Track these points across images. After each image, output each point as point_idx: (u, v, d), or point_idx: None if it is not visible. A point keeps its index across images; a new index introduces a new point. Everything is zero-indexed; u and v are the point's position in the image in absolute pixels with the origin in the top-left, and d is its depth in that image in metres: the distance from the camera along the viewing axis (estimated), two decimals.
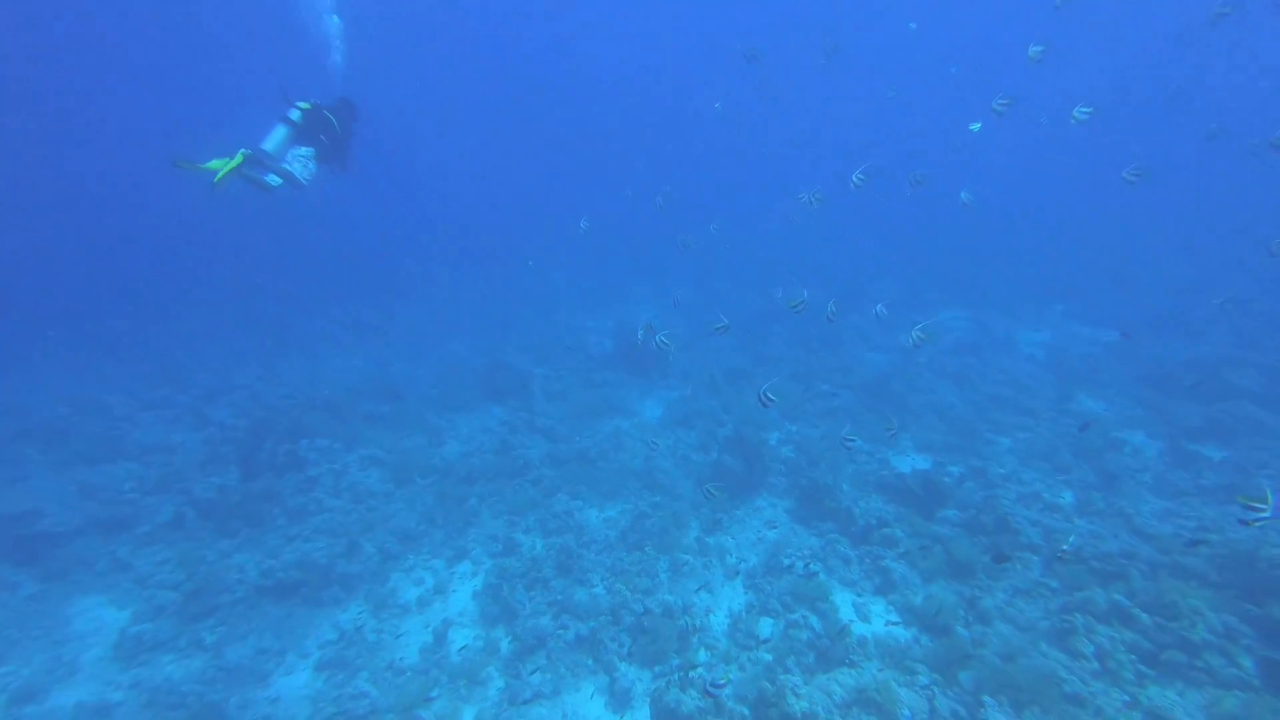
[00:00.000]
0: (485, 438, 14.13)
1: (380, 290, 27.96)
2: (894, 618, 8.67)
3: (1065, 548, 7.81)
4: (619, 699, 7.53)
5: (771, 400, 7.49)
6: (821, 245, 33.32)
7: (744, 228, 37.97)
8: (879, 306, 9.40)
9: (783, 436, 13.90)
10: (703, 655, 8.20)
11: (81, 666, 8.14)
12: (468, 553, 10.53)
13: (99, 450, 12.45)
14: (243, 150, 7.56)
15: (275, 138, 8.22)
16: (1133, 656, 7.18)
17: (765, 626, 8.62)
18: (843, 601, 9.01)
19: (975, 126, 11.04)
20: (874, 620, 8.66)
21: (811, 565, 9.80)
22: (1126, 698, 6.84)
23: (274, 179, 8.22)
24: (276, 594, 9.24)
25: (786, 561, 9.77)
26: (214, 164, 7.25)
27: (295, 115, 8.42)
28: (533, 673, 7.93)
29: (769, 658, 7.97)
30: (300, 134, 8.50)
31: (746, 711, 6.79)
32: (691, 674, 7.28)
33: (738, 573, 9.82)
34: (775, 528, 10.83)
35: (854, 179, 8.50)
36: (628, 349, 18.42)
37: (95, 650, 8.39)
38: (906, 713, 6.41)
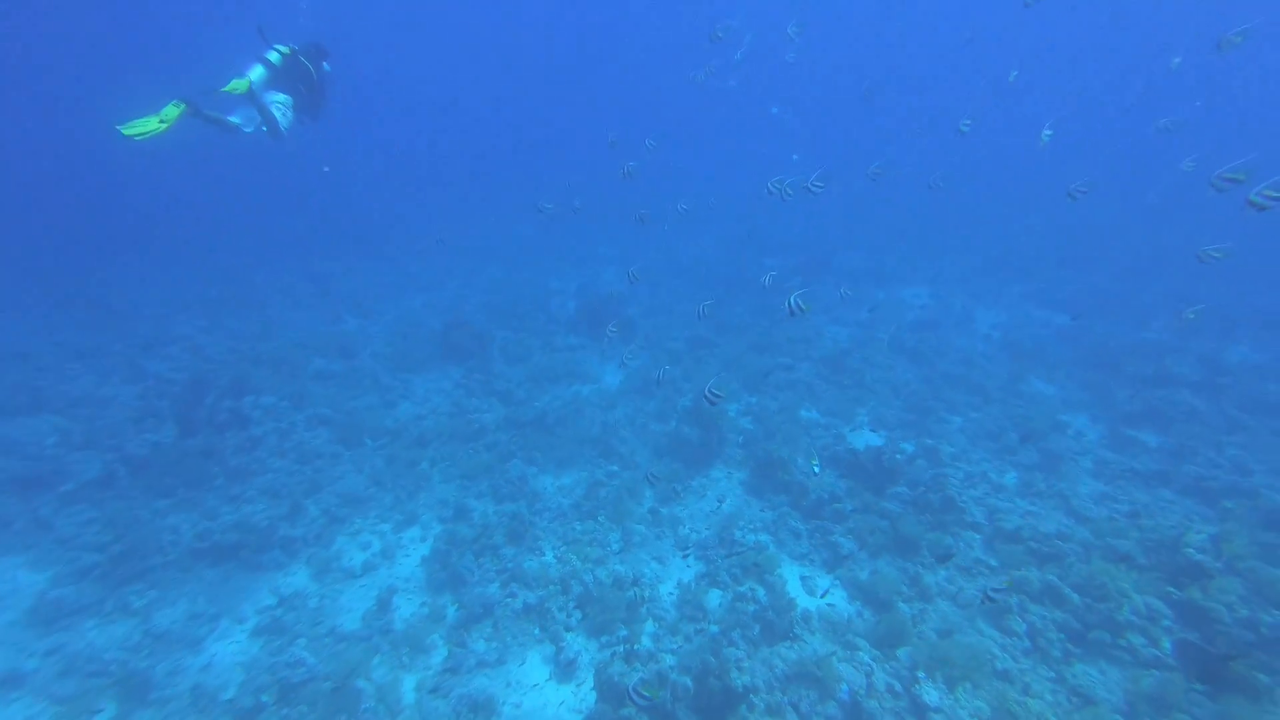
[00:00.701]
0: (440, 399, 13.76)
1: (340, 241, 26.79)
2: (839, 592, 8.85)
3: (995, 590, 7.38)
4: (564, 669, 7.51)
5: (718, 396, 7.30)
6: (792, 217, 33.18)
7: (717, 195, 37.56)
8: (843, 289, 9.24)
9: (742, 408, 13.92)
10: (650, 626, 8.24)
11: None
12: (417, 518, 10.30)
13: (18, 401, 11.66)
14: (175, 102, 6.79)
15: (254, 75, 7.70)
16: (1062, 635, 7.49)
17: (713, 598, 8.69)
18: (791, 575, 9.14)
19: (1047, 135, 10.57)
20: (818, 594, 8.82)
21: (761, 537, 9.92)
22: (1053, 674, 7.15)
23: (237, 119, 7.67)
24: (213, 556, 8.89)
25: (738, 536, 9.84)
26: (148, 120, 6.53)
27: (274, 58, 7.91)
28: (478, 641, 7.85)
29: (715, 629, 8.05)
30: (278, 78, 7.99)
31: (689, 682, 6.85)
32: (636, 647, 7.30)
33: (690, 544, 9.86)
34: (723, 502, 10.89)
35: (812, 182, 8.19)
36: (589, 312, 18.09)
37: (7, 615, 7.94)
38: (845, 687, 6.55)
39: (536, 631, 8.10)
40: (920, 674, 6.70)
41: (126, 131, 6.35)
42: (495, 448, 11.90)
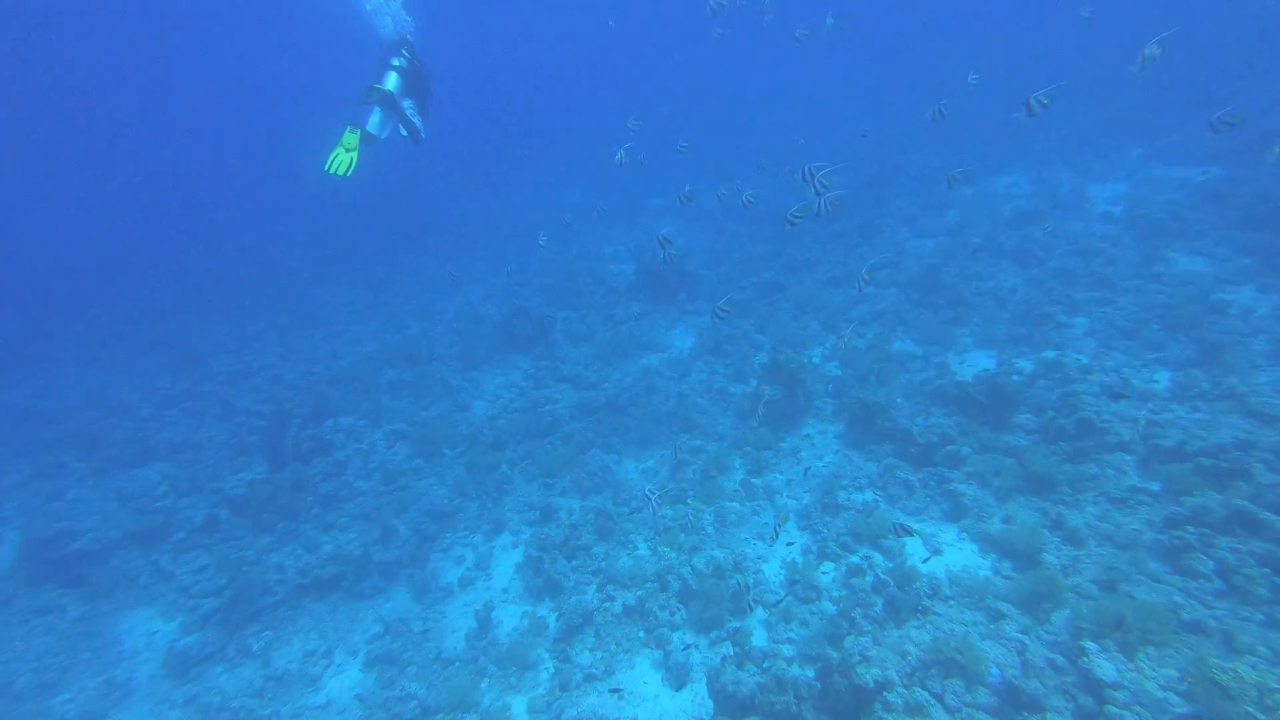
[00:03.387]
0: (511, 394, 13.52)
1: (388, 244, 27.19)
2: (970, 548, 7.78)
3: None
4: (676, 673, 7.03)
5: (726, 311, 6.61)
6: (852, 122, 30.37)
7: (763, 114, 35.09)
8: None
9: (826, 352, 12.73)
10: (760, 614, 7.59)
11: (135, 687, 8.20)
12: (505, 524, 10.12)
13: (128, 454, 12.47)
14: (349, 129, 7.18)
15: (390, 84, 7.74)
16: (1266, 570, 6.10)
17: (826, 573, 7.88)
18: (910, 535, 8.13)
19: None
20: (946, 552, 7.79)
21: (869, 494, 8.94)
22: (1262, 618, 5.84)
23: (377, 131, 7.68)
24: (317, 590, 9.10)
25: (842, 497, 8.91)
26: (339, 153, 7.09)
27: (401, 63, 7.92)
28: (582, 653, 7.52)
29: (832, 609, 7.27)
30: (406, 84, 8.00)
31: (812, 677, 6.15)
32: (749, 648, 6.67)
33: (790, 515, 9.05)
34: (823, 458, 9.93)
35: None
36: (649, 275, 17.21)
37: (147, 667, 8.45)
38: (995, 671, 5.62)
39: (641, 635, 7.66)
40: (1087, 643, 5.63)
41: (330, 169, 6.98)
42: (572, 439, 11.49)
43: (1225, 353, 9.37)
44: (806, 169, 6.87)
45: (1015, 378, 10.28)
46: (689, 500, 9.41)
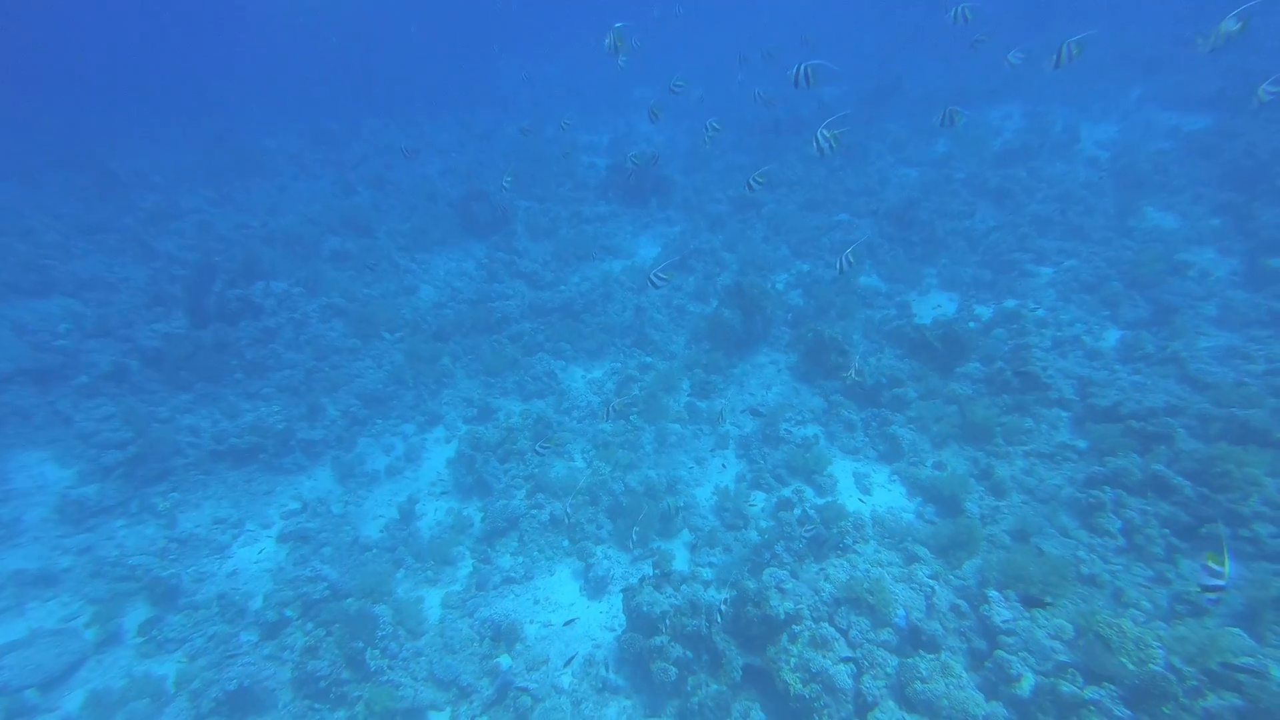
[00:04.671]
0: (462, 283, 12.95)
1: (347, 97, 25.02)
2: (898, 490, 7.96)
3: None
4: (594, 586, 7.19)
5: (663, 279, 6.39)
6: (853, 25, 28.43)
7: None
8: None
9: (791, 278, 12.42)
10: (686, 536, 7.74)
11: (24, 529, 7.97)
12: (441, 418, 9.92)
13: (26, 282, 11.52)
14: None
15: None
16: (1166, 530, 6.38)
17: (756, 502, 8.01)
18: (842, 472, 8.28)
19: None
20: (875, 492, 7.97)
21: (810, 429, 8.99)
22: (1152, 574, 6.16)
23: None
24: (233, 459, 8.87)
25: (784, 429, 8.93)
26: None
27: None
28: (503, 556, 7.61)
29: (757, 538, 7.44)
30: None
31: (726, 603, 6.34)
32: (669, 569, 6.80)
33: (730, 441, 9.08)
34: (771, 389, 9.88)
35: None
36: (622, 174, 16.28)
37: (38, 511, 8.17)
38: (901, 612, 5.84)
39: (565, 544, 7.76)
40: (991, 592, 5.87)
41: None
42: (521, 339, 11.16)
43: (1176, 315, 9.40)
44: (801, 69, 6.33)
45: (972, 325, 10.23)
46: (631, 417, 9.34)
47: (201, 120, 22.42)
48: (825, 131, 5.63)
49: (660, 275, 6.76)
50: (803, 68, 6.18)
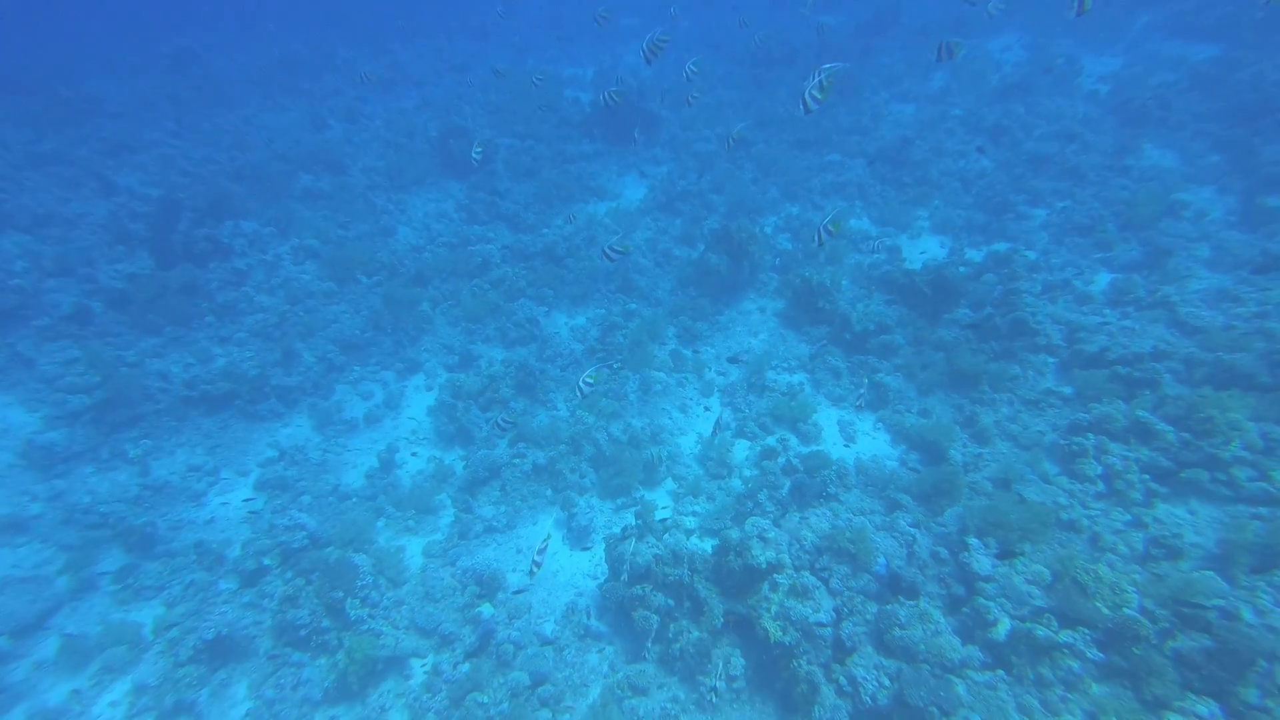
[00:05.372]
0: (441, 225, 12.49)
1: (315, 18, 23.52)
2: (883, 438, 7.92)
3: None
4: (577, 535, 7.18)
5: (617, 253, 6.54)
6: None
7: None
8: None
9: (780, 222, 12.06)
10: (670, 485, 7.71)
11: None
12: (421, 365, 9.73)
13: None
14: None
15: None
16: (1146, 476, 6.39)
17: (740, 451, 7.96)
18: (827, 420, 8.22)
19: None
20: (860, 440, 7.93)
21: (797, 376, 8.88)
22: (1129, 518, 6.21)
23: None
24: (207, 405, 8.68)
25: (770, 377, 8.81)
26: None
27: None
28: (485, 505, 7.56)
29: (741, 487, 7.42)
30: None
31: (709, 553, 6.35)
32: (651, 520, 6.77)
33: (715, 389, 8.96)
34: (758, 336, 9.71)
35: None
36: (607, 110, 15.55)
37: (3, 456, 7.97)
38: (882, 560, 5.87)
39: (548, 493, 7.72)
40: (971, 539, 5.89)
41: None
42: (502, 284, 10.84)
43: (1169, 258, 9.23)
44: None
45: (963, 269, 10.01)
46: (615, 365, 9.17)
47: (161, 41, 20.91)
48: (814, 91, 5.22)
49: (614, 249, 6.81)
50: None
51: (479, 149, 7.77)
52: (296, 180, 13.37)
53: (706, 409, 8.64)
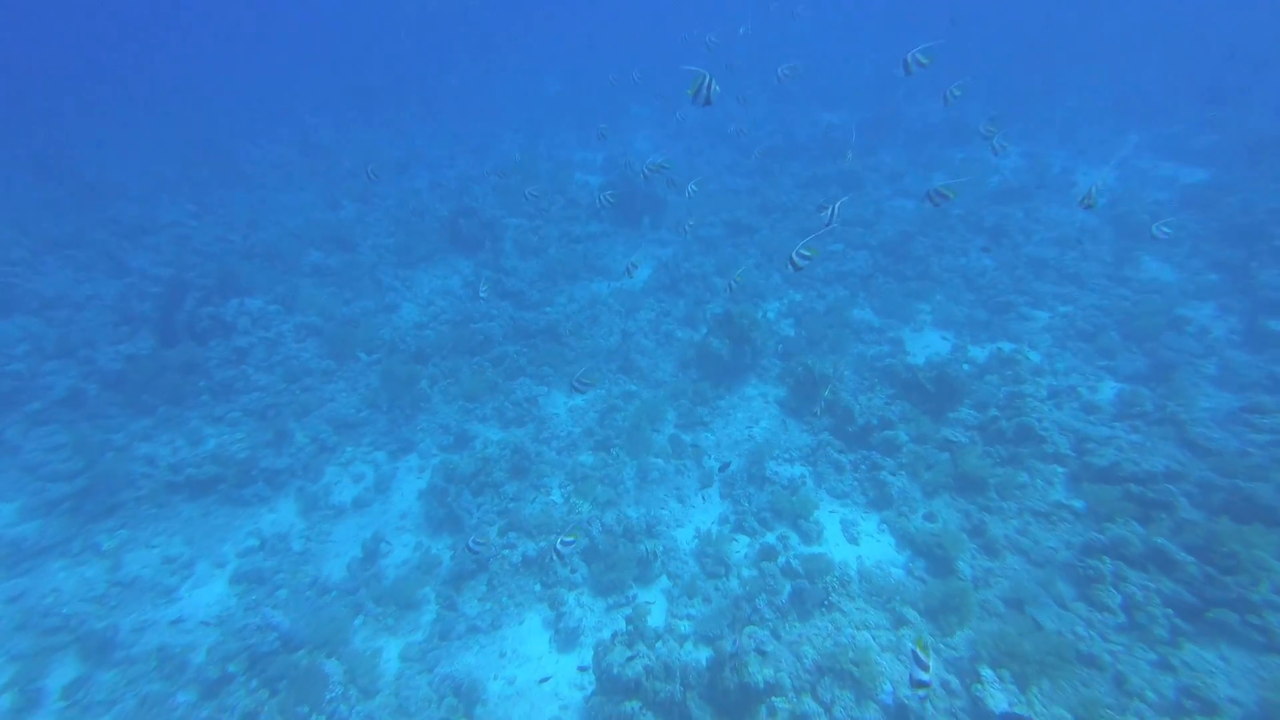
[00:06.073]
0: (445, 302, 12.45)
1: (337, 101, 24.41)
2: (887, 541, 7.58)
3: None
4: (565, 638, 6.70)
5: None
6: (856, 55, 28.48)
7: (766, 33, 32.46)
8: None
9: (783, 308, 12.09)
10: (664, 583, 7.28)
11: None
12: (415, 445, 9.42)
13: None
14: None
15: None
16: (1169, 610, 6.05)
17: (739, 547, 7.59)
18: (829, 517, 7.90)
19: None
20: (863, 542, 7.58)
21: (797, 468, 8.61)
22: (1154, 657, 5.82)
23: None
24: (190, 490, 8.29)
25: (771, 468, 8.54)
26: None
27: None
28: (470, 602, 7.09)
29: (739, 589, 7.01)
30: None
31: (703, 665, 5.89)
32: (644, 625, 6.34)
33: (714, 479, 8.66)
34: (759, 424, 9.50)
35: None
36: (617, 192, 15.87)
37: None
38: (888, 688, 5.44)
39: (537, 588, 7.27)
40: (984, 670, 5.49)
41: None
42: (503, 362, 10.69)
43: (1175, 373, 9.19)
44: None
45: (966, 367, 9.96)
46: (613, 450, 8.89)
47: (187, 126, 21.72)
48: (802, 250, 5.58)
49: (582, 380, 7.15)
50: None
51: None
52: (306, 257, 13.52)
53: (704, 499, 8.31)
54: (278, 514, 8.41)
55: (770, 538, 7.59)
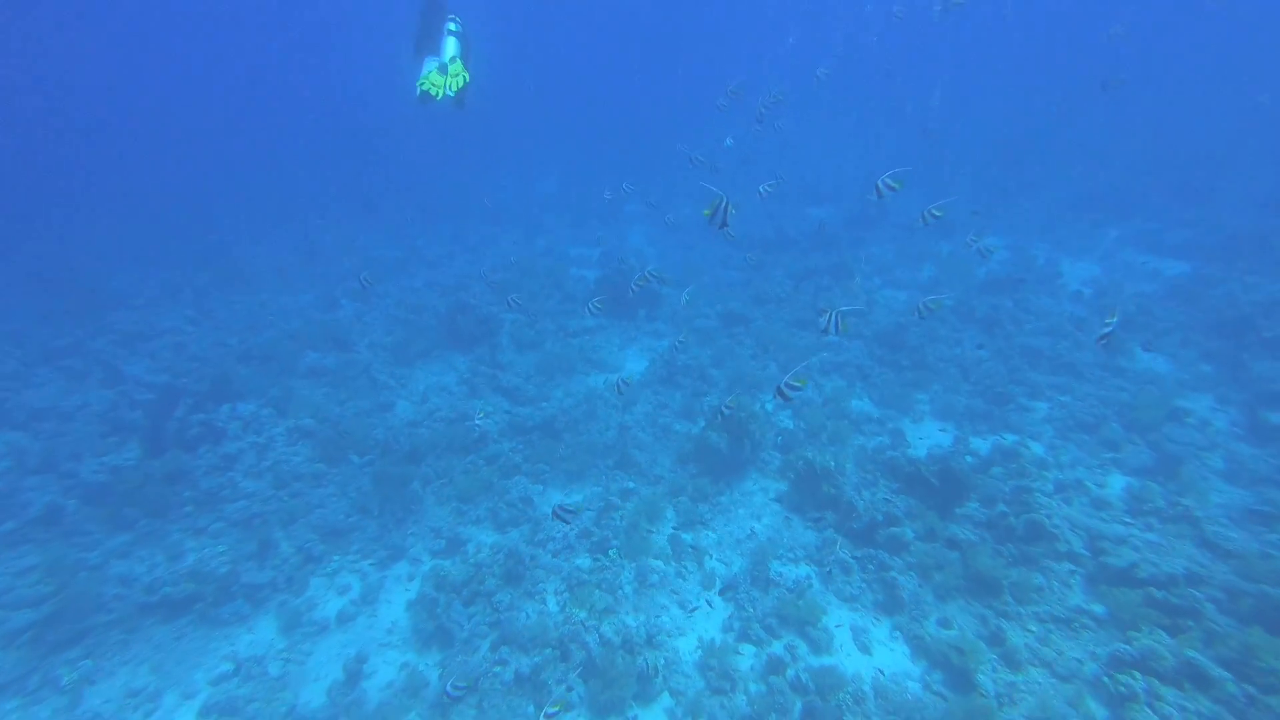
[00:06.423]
0: (440, 399, 12.40)
1: (341, 209, 25.37)
2: (901, 650, 7.16)
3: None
4: None
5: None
6: (838, 153, 30.11)
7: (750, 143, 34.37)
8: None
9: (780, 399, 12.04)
10: (667, 701, 6.79)
11: None
12: (405, 551, 9.06)
13: None
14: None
15: (451, 51, 7.70)
16: None
17: (745, 658, 7.14)
18: (839, 624, 7.49)
19: None
20: (876, 652, 7.16)
21: (802, 567, 8.27)
22: None
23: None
24: (165, 611, 7.82)
25: (775, 569, 8.20)
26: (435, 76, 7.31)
27: (455, 28, 7.85)
28: None
29: (746, 708, 6.53)
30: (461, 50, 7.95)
31: None
32: None
33: (716, 581, 8.28)
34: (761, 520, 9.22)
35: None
36: (610, 286, 16.28)
37: None
38: None
39: (530, 709, 6.76)
40: None
41: (429, 88, 7.22)
42: (497, 461, 10.50)
43: (1182, 466, 9.05)
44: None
45: (969, 459, 9.80)
46: (611, 552, 8.56)
47: (191, 232, 22.58)
48: (792, 381, 5.82)
49: (564, 510, 6.98)
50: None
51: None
52: (302, 358, 13.62)
53: (710, 604, 7.91)
54: (256, 634, 7.91)
55: (777, 647, 7.17)
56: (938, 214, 6.80)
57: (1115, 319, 5.71)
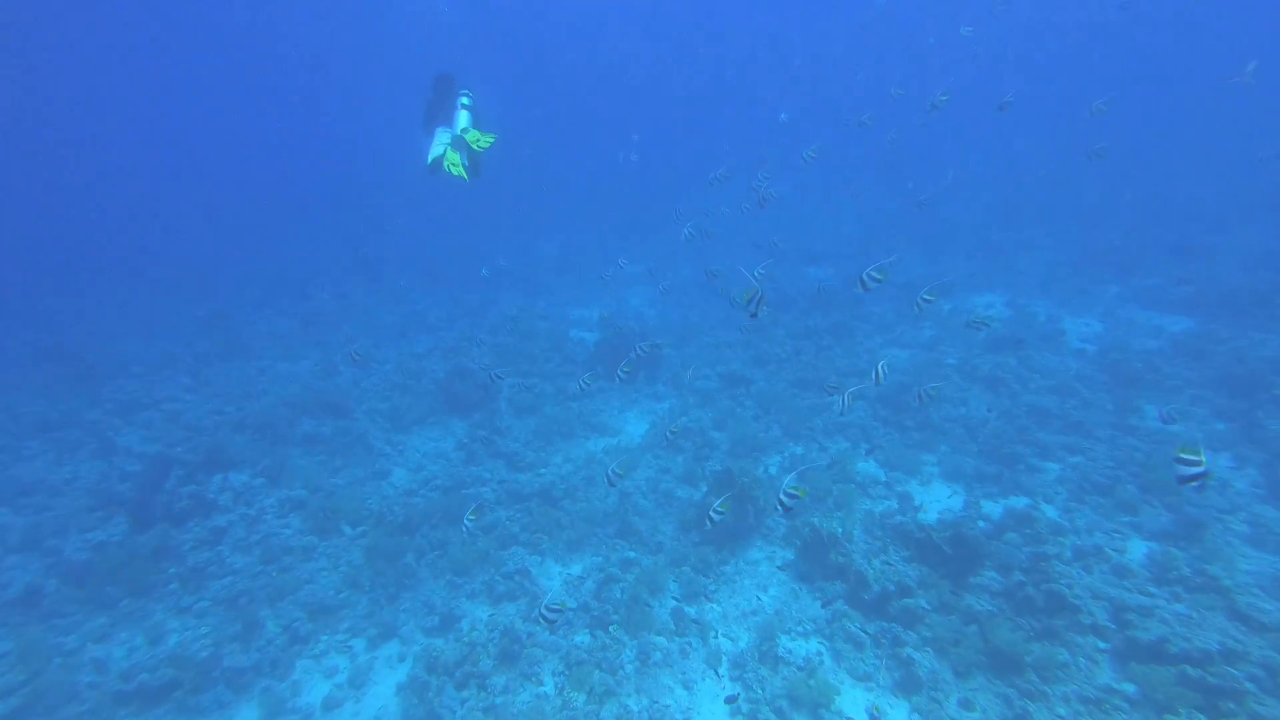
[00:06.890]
0: (437, 467, 12.20)
1: (343, 274, 25.81)
2: None
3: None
4: None
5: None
6: (834, 214, 30.73)
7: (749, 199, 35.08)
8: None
9: (784, 462, 11.81)
10: None
11: None
12: (396, 629, 8.66)
13: None
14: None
15: (463, 123, 7.98)
16: None
17: None
18: (853, 707, 7.02)
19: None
20: None
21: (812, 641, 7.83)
22: None
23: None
24: (140, 701, 7.39)
25: (784, 645, 7.78)
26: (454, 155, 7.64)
27: (467, 101, 8.10)
28: None
29: None
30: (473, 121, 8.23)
31: None
32: None
33: (721, 658, 7.85)
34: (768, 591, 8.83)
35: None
36: (610, 349, 16.29)
37: None
38: None
39: None
40: None
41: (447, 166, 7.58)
42: (494, 530, 10.21)
43: (1205, 531, 8.68)
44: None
45: (981, 524, 9.46)
46: (610, 628, 8.17)
47: (192, 301, 22.96)
48: (789, 489, 5.88)
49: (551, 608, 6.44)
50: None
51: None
52: (298, 426, 13.52)
53: (724, 695, 7.46)
54: None
55: None
56: (929, 298, 7.03)
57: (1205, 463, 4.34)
